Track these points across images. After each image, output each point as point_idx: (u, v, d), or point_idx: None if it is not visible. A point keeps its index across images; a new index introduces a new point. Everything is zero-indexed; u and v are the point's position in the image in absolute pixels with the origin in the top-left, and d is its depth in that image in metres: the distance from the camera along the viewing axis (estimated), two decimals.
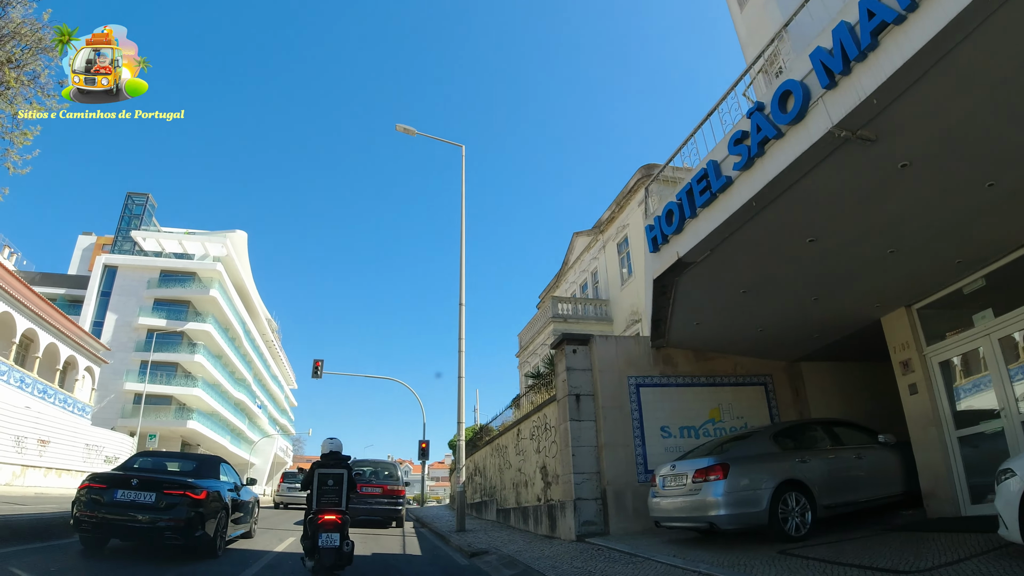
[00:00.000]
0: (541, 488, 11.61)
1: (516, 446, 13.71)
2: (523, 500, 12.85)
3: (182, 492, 7.18)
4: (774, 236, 7.14)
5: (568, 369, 10.39)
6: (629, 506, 9.78)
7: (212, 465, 9.09)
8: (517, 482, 13.42)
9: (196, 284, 47.19)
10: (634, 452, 10.13)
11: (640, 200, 23.86)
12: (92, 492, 7.08)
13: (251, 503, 10.41)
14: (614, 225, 25.98)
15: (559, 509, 10.27)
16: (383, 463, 16.77)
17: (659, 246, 8.03)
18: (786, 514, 7.58)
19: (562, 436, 10.32)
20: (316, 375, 29.54)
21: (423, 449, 32.08)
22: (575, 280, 30.52)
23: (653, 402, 10.54)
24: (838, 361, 11.88)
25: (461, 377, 14.08)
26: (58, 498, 16.99)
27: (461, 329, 14.45)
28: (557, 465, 10.73)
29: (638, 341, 11.05)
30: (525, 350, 28.77)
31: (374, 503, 14.75)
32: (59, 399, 27.02)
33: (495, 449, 16.30)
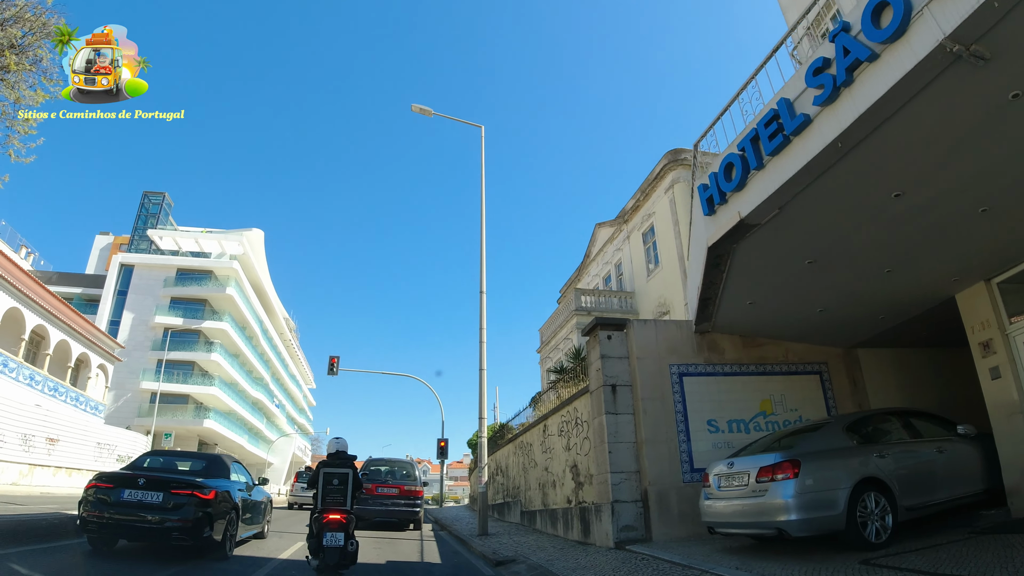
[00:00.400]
0: (571, 489, 10.54)
1: (542, 443, 12.65)
2: (551, 502, 11.79)
3: (190, 492, 6.98)
4: (855, 189, 6.01)
5: (603, 357, 9.31)
6: (674, 509, 8.68)
7: (222, 464, 8.79)
8: (544, 482, 12.36)
9: (213, 282, 46.75)
10: (678, 448, 9.02)
11: (667, 187, 22.76)
12: (99, 492, 6.90)
13: (263, 503, 10.13)
14: (639, 214, 24.85)
15: (593, 512, 9.19)
16: (400, 462, 15.77)
17: (715, 207, 6.91)
18: (865, 517, 6.50)
19: (596, 431, 9.24)
20: (332, 372, 28.71)
21: (442, 448, 31.14)
22: (598, 272, 29.40)
23: (698, 393, 9.41)
24: (899, 347, 10.74)
25: (483, 369, 13.07)
26: (63, 498, 16.26)
27: (482, 318, 13.44)
28: (590, 464, 9.66)
29: (680, 326, 9.92)
30: (547, 345, 27.71)
31: (390, 504, 13.79)
32: (71, 397, 26.48)
33: (519, 447, 15.25)
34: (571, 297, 24.34)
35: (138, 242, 50.77)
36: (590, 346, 9.86)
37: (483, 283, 13.74)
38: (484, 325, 13.37)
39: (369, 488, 13.77)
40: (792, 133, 5.66)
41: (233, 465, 9.21)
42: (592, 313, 23.75)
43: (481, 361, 13.10)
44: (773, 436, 8.17)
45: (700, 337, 9.78)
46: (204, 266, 47.78)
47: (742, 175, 6.33)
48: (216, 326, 45.23)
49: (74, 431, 23.34)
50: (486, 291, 13.66)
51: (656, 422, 9.00)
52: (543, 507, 12.26)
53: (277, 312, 62.87)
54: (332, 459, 6.70)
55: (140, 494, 6.87)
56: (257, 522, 9.65)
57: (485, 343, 13.24)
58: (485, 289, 13.69)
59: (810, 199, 6.05)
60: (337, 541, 6.01)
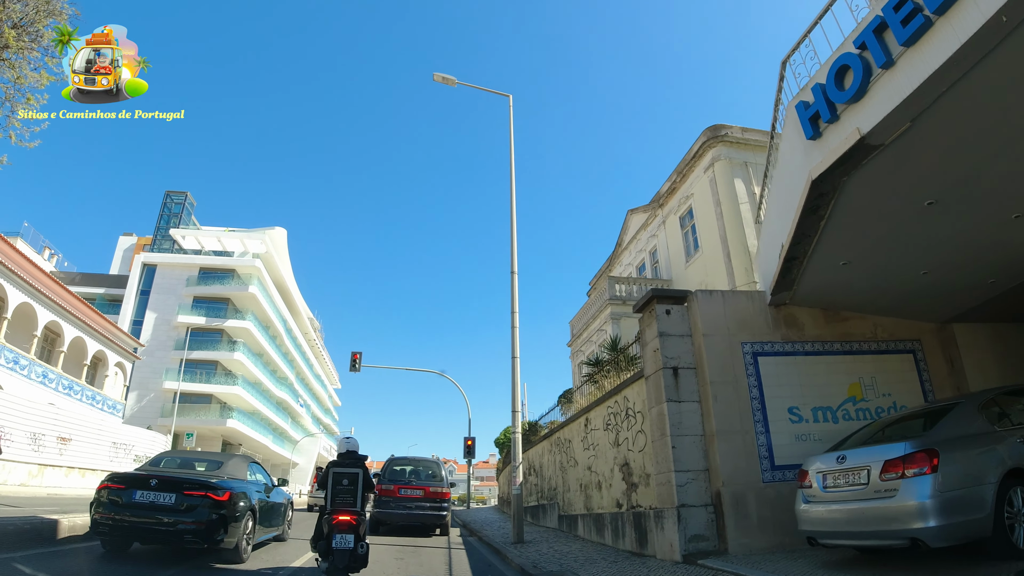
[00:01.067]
0: (622, 491, 9.07)
1: (584, 439, 11.19)
2: (595, 505, 10.33)
3: (203, 493, 6.73)
4: (1008, 95, 4.49)
5: (661, 335, 7.84)
6: (752, 514, 7.18)
7: (238, 465, 8.51)
8: (586, 483, 10.91)
9: (235, 281, 46.13)
10: (755, 441, 7.51)
11: (707, 166, 21.14)
12: (110, 493, 6.70)
13: (283, 505, 9.85)
14: (675, 197, 23.26)
15: (652, 518, 7.73)
16: (426, 461, 14.35)
17: (822, 127, 5.39)
18: (1012, 519, 5.01)
19: (655, 423, 7.77)
20: (354, 368, 27.60)
21: (469, 446, 29.84)
22: (631, 261, 27.84)
23: (776, 376, 7.89)
24: (998, 322, 9.13)
25: (515, 357, 11.67)
26: (69, 500, 15.26)
27: (514, 300, 12.05)
28: (646, 461, 8.20)
29: (751, 298, 8.37)
30: (578, 338, 26.22)
31: (414, 508, 12.43)
32: (87, 396, 25.72)
33: (555, 444, 13.81)
34: (604, 286, 22.83)
35: (160, 242, 50.46)
36: (644, 324, 8.40)
37: (514, 262, 12.35)
38: (516, 308, 11.98)
39: (390, 490, 12.50)
40: (936, 11, 4.16)
41: (251, 466, 8.93)
42: (627, 302, 22.23)
43: (513, 348, 11.71)
44: (878, 424, 6.61)
45: (775, 311, 8.26)
46: (226, 265, 47.22)
47: (862, 79, 4.82)
48: (239, 325, 44.55)
49: (88, 430, 22.48)
50: (517, 271, 12.28)
51: (728, 410, 7.50)
52: (586, 511, 10.81)
53: (301, 311, 62.29)
54: (342, 459, 6.50)
55: (152, 495, 6.63)
56: (276, 524, 9.31)
57: (517, 328, 11.84)
58: (516, 269, 12.30)
59: (949, 110, 4.54)
60: (347, 543, 5.83)
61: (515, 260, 12.38)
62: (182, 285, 45.73)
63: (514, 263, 12.35)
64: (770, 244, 8.10)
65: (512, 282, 12.19)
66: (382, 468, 13.50)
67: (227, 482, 7.25)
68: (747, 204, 19.89)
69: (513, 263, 12.35)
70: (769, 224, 8.04)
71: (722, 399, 7.52)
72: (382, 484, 12.62)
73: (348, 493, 6.16)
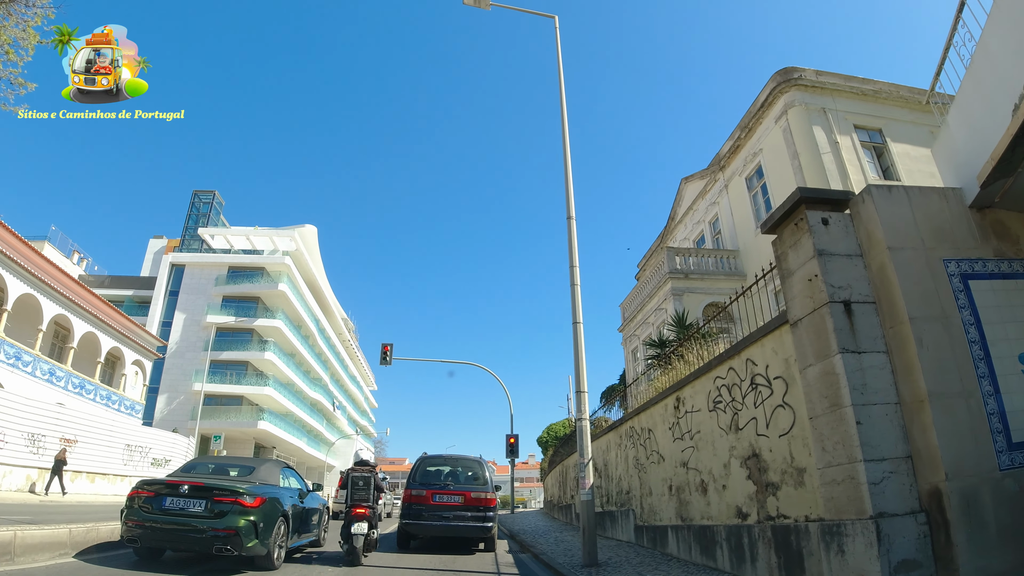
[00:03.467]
0: (748, 494, 6.33)
1: (674, 426, 8.44)
2: (697, 514, 7.60)
3: (233, 500, 6.63)
4: None
5: (820, 255, 5.12)
6: (990, 520, 4.45)
7: (271, 470, 8.38)
8: (680, 484, 8.18)
9: (264, 279, 44.61)
10: (982, 407, 4.74)
11: (778, 115, 18.19)
12: (140, 500, 6.67)
13: (318, 511, 9.71)
14: (740, 156, 20.35)
15: (814, 537, 5.03)
16: (465, 460, 11.57)
17: None
18: None
19: (815, 389, 5.06)
20: (384, 361, 25.34)
21: (512, 445, 27.32)
22: (686, 235, 24.93)
23: (996, 308, 5.09)
24: None
25: (577, 323, 9.07)
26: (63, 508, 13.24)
27: (572, 252, 9.47)
28: (794, 449, 5.49)
29: (944, 197, 5.55)
30: (631, 321, 23.43)
31: (452, 518, 9.87)
32: (101, 395, 23.99)
33: (626, 436, 11.08)
34: (662, 259, 19.99)
35: (189, 242, 49.41)
36: (784, 245, 5.68)
37: (570, 206, 9.74)
38: (576, 261, 9.36)
39: (422, 496, 10.06)
40: None
41: (284, 471, 8.80)
42: (691, 276, 19.39)
43: (575, 311, 9.10)
44: None
45: (978, 217, 5.46)
46: (256, 263, 45.79)
47: None
48: (269, 324, 42.96)
49: (98, 432, 20.66)
50: (575, 216, 9.66)
51: (939, 362, 4.75)
52: (681, 521, 8.08)
53: (334, 312, 60.77)
54: (358, 466, 8.69)
55: (182, 502, 6.61)
56: (311, 530, 9.18)
57: (578, 286, 9.22)
58: (574, 214, 9.69)
59: None
60: (361, 529, 7.93)
61: (571, 204, 9.78)
62: (211, 285, 44.45)
63: (570, 207, 9.77)
64: (978, 110, 5.32)
65: (569, 229, 9.60)
66: (411, 469, 10.96)
67: (258, 488, 7.09)
68: (830, 155, 17.02)
69: (569, 207, 9.77)
70: (986, 73, 5.23)
71: (930, 344, 4.77)
72: (411, 488, 10.20)
73: (363, 491, 8.29)
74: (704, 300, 18.85)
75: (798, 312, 5.33)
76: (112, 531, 7.91)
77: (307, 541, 9.15)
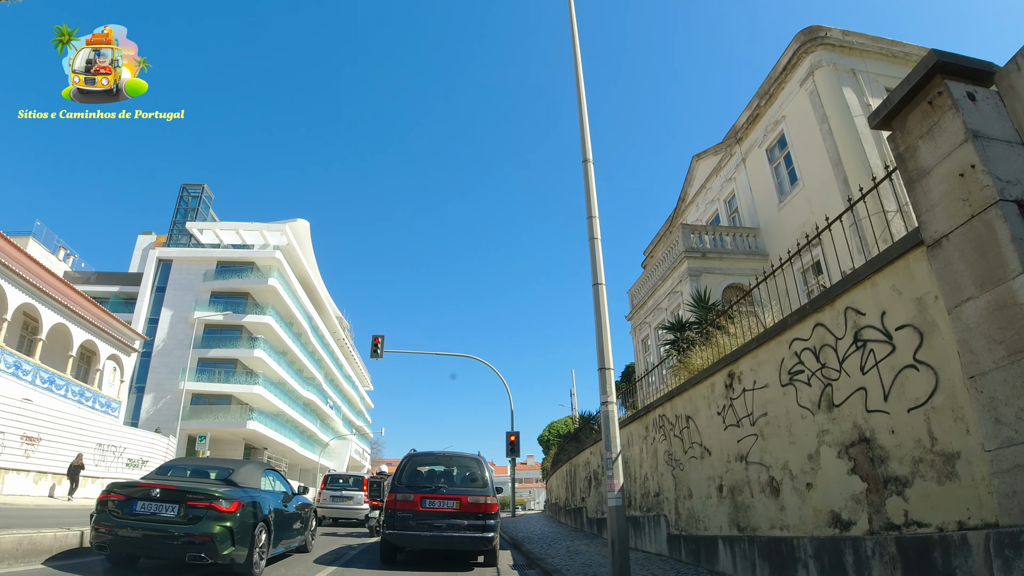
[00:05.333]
0: (852, 493, 4.62)
1: (728, 409, 6.72)
2: (765, 522, 5.91)
3: (208, 504, 6.20)
4: None
5: (975, 137, 3.48)
6: None
7: (251, 472, 7.82)
8: (737, 483, 6.47)
9: (254, 274, 42.95)
10: None
11: (803, 77, 16.56)
12: (110, 504, 6.25)
13: (304, 515, 9.34)
14: (759, 126, 18.73)
15: (975, 551, 3.40)
16: (461, 458, 9.63)
17: None
18: None
19: (981, 330, 3.40)
20: (375, 354, 23.67)
21: (512, 442, 25.63)
22: (699, 216, 23.29)
23: None
24: None
25: (599, 284, 7.41)
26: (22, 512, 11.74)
27: (591, 198, 7.83)
28: (935, 425, 3.84)
29: None
30: (641, 308, 21.79)
31: (445, 527, 8.10)
32: (73, 391, 22.25)
33: (653, 427, 9.43)
34: (677, 236, 18.33)
35: (177, 236, 47.76)
36: (911, 136, 4.01)
37: (587, 146, 8.09)
38: (595, 212, 7.69)
39: (409, 501, 8.29)
40: None
41: (267, 473, 8.38)
42: (708, 256, 17.75)
43: (595, 270, 7.44)
44: None
45: None
46: (245, 257, 44.14)
47: None
48: (259, 320, 41.30)
49: (66, 430, 18.98)
50: (592, 159, 8.01)
51: None
52: (738, 531, 6.43)
53: (328, 310, 59.09)
54: (379, 475, 14.89)
55: (154, 506, 6.19)
56: (296, 536, 8.79)
57: (599, 240, 7.56)
58: (591, 156, 8.04)
59: None
60: (375, 517, 13.47)
61: (588, 144, 8.13)
62: (199, 280, 42.81)
63: (587, 147, 8.12)
64: None
65: (586, 173, 7.93)
66: (397, 469, 9.25)
67: (236, 491, 6.75)
68: (862, 118, 15.43)
69: (585, 147, 8.12)
70: None
71: None
72: (396, 492, 8.46)
73: (378, 492, 13.65)
74: (724, 281, 17.21)
75: (943, 225, 3.67)
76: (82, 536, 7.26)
77: (293, 547, 8.78)
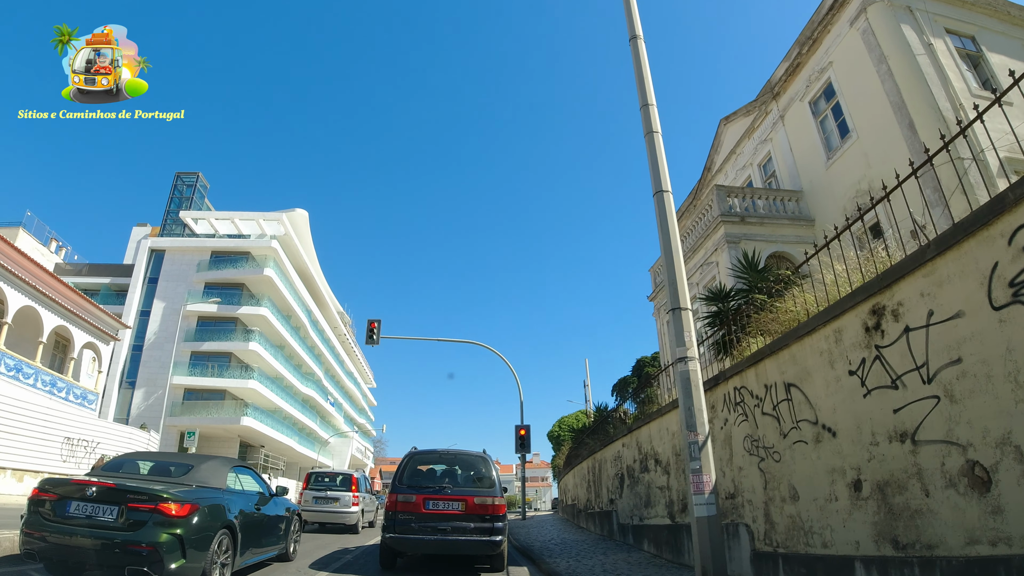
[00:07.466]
0: None
1: (872, 363, 4.39)
2: (961, 535, 3.59)
3: (152, 507, 5.15)
4: None
5: None
6: None
7: (215, 469, 6.70)
8: (892, 476, 4.05)
9: (249, 264, 41.04)
10: None
11: (852, 17, 14.42)
12: (40, 504, 5.27)
13: (283, 519, 8.11)
14: (801, 76, 16.56)
15: None
16: (465, 456, 8.68)
17: None
18: None
19: None
20: (371, 340, 21.62)
21: (522, 437, 23.51)
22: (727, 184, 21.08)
23: None
24: None
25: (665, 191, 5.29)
26: None
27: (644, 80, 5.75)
28: None
29: None
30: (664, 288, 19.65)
31: (450, 530, 7.17)
32: (43, 381, 20.27)
33: (724, 406, 7.22)
34: (712, 200, 16.16)
35: (171, 226, 45.83)
36: None
37: (634, 18, 5.99)
38: (652, 99, 5.63)
39: (411, 502, 7.41)
40: None
41: (235, 470, 7.22)
42: (747, 221, 15.60)
43: (658, 175, 5.35)
44: None
45: None
46: (240, 247, 42.24)
47: None
48: (254, 312, 39.36)
49: (29, 422, 17.02)
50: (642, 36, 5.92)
51: None
52: (894, 549, 4.14)
53: (329, 304, 57.16)
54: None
55: (90, 508, 5.16)
56: (273, 543, 7.61)
57: (659, 134, 5.48)
58: (640, 32, 5.96)
59: None
60: None
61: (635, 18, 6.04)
62: (192, 271, 40.93)
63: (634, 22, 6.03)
64: None
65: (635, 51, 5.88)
66: (397, 468, 8.20)
67: (190, 492, 5.69)
68: (925, 57, 13.38)
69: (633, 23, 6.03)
70: None
71: None
72: (397, 493, 7.63)
73: None
74: (767, 249, 15.01)
75: None
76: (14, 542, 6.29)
77: (269, 555, 7.63)
